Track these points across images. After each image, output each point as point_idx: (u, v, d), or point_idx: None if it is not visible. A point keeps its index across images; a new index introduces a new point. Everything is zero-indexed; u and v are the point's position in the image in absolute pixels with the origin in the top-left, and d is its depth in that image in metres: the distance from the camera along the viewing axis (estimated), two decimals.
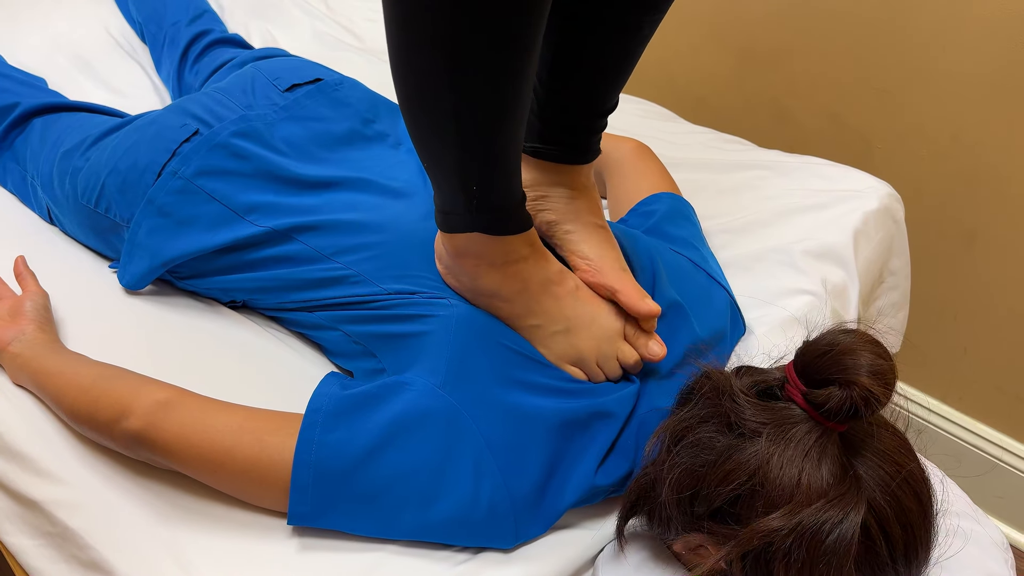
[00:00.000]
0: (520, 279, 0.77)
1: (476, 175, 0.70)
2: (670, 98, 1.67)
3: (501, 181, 0.72)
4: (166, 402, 0.76)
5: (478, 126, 0.67)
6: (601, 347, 0.79)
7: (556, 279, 0.79)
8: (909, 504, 0.64)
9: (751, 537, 0.62)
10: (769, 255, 1.08)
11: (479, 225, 0.74)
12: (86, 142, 1.05)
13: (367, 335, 0.86)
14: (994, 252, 1.42)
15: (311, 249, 0.89)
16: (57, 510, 0.78)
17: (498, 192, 0.72)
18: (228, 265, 0.94)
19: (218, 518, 0.77)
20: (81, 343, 0.92)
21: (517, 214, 0.75)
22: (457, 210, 0.74)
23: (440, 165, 0.72)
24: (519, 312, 0.79)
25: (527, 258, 0.77)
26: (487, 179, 0.71)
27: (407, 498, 0.72)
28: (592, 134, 0.87)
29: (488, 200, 0.72)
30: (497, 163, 0.70)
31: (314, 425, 0.73)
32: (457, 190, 0.72)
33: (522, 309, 0.79)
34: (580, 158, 0.86)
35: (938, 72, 1.36)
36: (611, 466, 0.77)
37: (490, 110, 0.66)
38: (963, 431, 1.58)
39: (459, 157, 0.69)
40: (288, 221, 0.91)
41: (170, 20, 1.37)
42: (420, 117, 0.69)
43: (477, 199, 0.71)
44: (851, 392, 0.62)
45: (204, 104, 1.03)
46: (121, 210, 0.98)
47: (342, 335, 0.89)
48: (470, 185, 0.70)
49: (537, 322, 0.79)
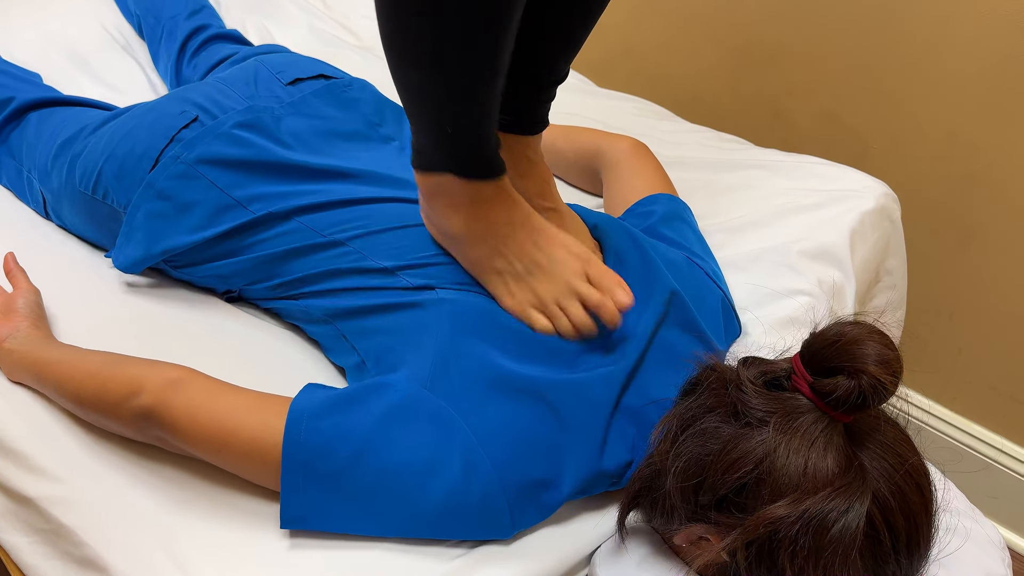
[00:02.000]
0: (487, 221, 0.79)
1: (452, 118, 0.73)
2: (667, 97, 1.67)
3: (475, 126, 0.74)
4: (177, 380, 0.77)
5: (458, 70, 0.69)
6: (561, 289, 0.80)
7: (522, 222, 0.80)
8: (912, 497, 0.64)
9: (757, 525, 0.63)
10: (765, 255, 1.08)
11: (451, 166, 0.77)
12: (84, 131, 1.05)
13: (355, 331, 0.86)
14: (990, 252, 1.43)
15: (308, 228, 0.90)
16: (51, 507, 0.78)
17: (472, 136, 0.75)
18: (225, 251, 0.94)
19: (213, 514, 0.77)
20: (75, 338, 0.92)
21: (489, 159, 0.77)
22: (432, 150, 0.77)
23: (417, 104, 0.74)
24: (484, 254, 0.80)
25: (495, 200, 0.79)
26: (462, 122, 0.73)
27: (398, 495, 0.72)
28: (539, 104, 0.88)
29: (461, 143, 0.75)
30: (473, 108, 0.72)
31: (298, 428, 0.73)
32: (433, 131, 0.75)
33: (486, 251, 0.80)
34: (527, 128, 0.88)
35: (935, 72, 1.36)
36: (612, 452, 0.77)
37: (470, 56, 0.68)
38: (957, 431, 1.58)
39: (437, 99, 0.72)
40: (288, 204, 0.91)
41: (168, 14, 1.37)
42: (402, 59, 0.71)
43: (451, 141, 0.74)
44: (859, 381, 0.62)
45: (205, 92, 1.03)
46: (119, 196, 0.98)
47: (334, 330, 0.89)
48: (445, 127, 0.73)
49: (499, 265, 0.80)
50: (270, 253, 0.92)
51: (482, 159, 0.77)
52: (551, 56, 0.86)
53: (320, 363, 0.95)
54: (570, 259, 0.81)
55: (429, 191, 0.80)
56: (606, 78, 1.70)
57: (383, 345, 0.83)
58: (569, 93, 1.47)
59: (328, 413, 0.74)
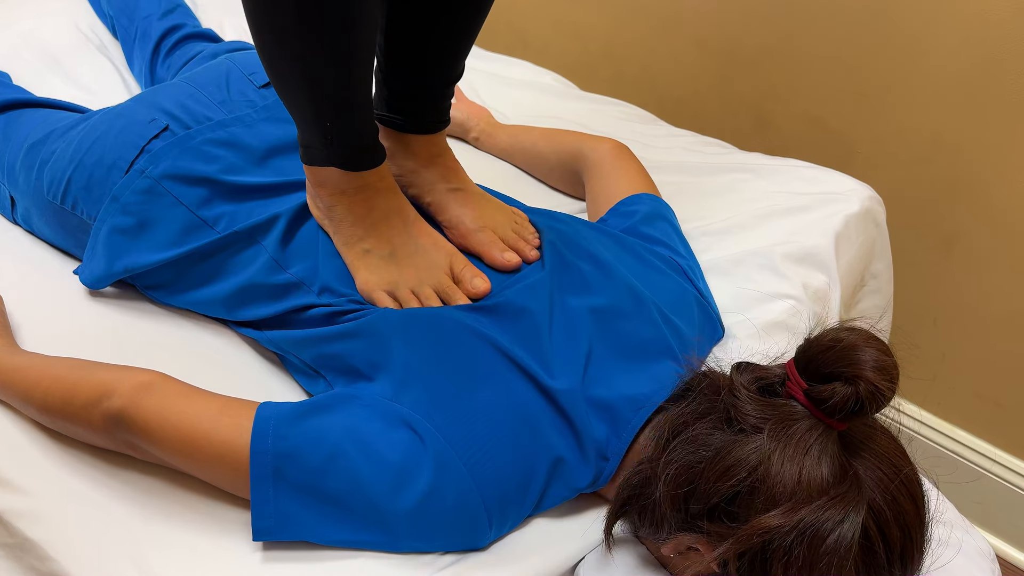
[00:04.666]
0: (367, 206, 0.85)
1: (329, 116, 0.79)
2: (651, 101, 1.66)
3: (351, 123, 0.81)
4: (148, 384, 0.76)
5: (322, 73, 0.76)
6: (421, 276, 0.84)
7: (396, 210, 0.86)
8: (907, 507, 0.64)
9: (750, 534, 0.62)
10: (749, 258, 1.07)
11: (334, 160, 0.82)
12: (53, 135, 1.03)
13: (315, 357, 0.85)
14: (974, 257, 1.43)
15: (270, 257, 0.89)
16: (16, 520, 0.76)
17: (348, 132, 0.81)
18: (196, 279, 0.93)
19: (185, 526, 0.75)
20: (39, 346, 0.90)
21: (368, 153, 0.84)
22: (315, 145, 0.82)
23: (295, 105, 0.81)
24: (358, 234, 0.85)
25: (375, 188, 0.85)
26: (338, 120, 0.80)
27: (371, 500, 0.71)
28: (434, 104, 0.92)
29: (340, 139, 0.81)
30: (345, 106, 0.80)
31: (264, 437, 0.72)
32: (313, 129, 0.81)
33: (361, 232, 0.85)
34: (426, 128, 0.92)
35: (919, 76, 1.36)
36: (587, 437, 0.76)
37: (330, 59, 0.75)
38: (942, 437, 1.58)
39: (310, 99, 0.79)
40: (250, 221, 0.91)
41: (142, 14, 1.35)
42: (275, 64, 0.78)
43: (331, 137, 0.81)
44: (856, 387, 0.61)
45: (174, 98, 1.00)
46: (88, 207, 0.95)
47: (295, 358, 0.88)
48: (323, 123, 0.80)
49: (368, 246, 0.85)
50: (234, 285, 0.91)
51: (361, 153, 0.83)
52: (438, 59, 0.90)
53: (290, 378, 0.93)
54: (435, 251, 0.86)
55: (315, 180, 0.86)
56: (588, 81, 1.69)
57: (343, 368, 0.82)
58: (550, 96, 1.46)
59: (295, 420, 0.73)
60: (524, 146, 1.24)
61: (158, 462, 0.77)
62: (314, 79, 0.77)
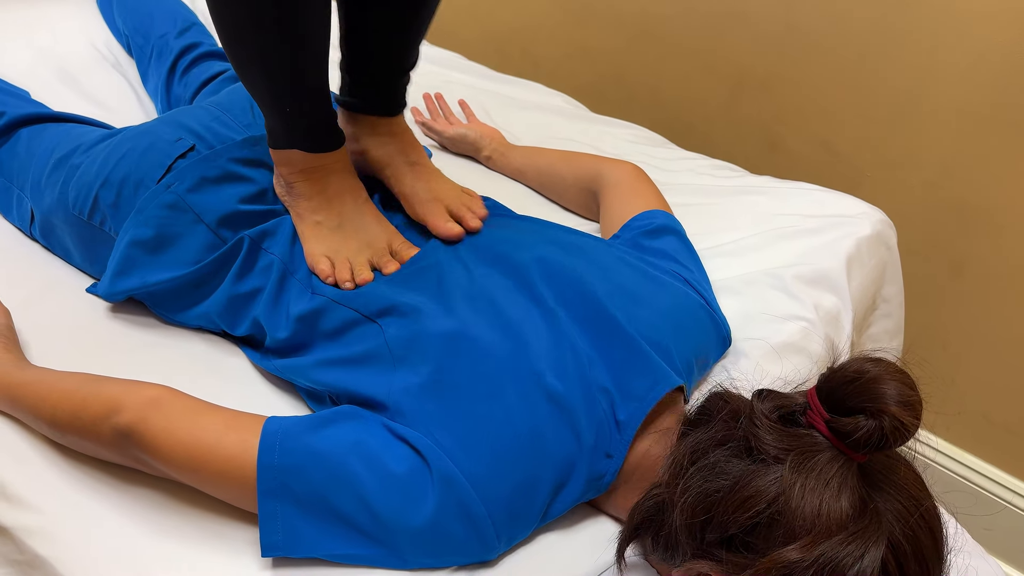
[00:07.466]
0: (323, 183, 0.94)
1: (287, 102, 0.89)
2: (661, 124, 1.67)
3: (309, 110, 0.90)
4: (157, 399, 0.76)
5: (278, 63, 0.86)
6: (361, 249, 0.92)
7: (349, 189, 0.95)
8: (926, 541, 0.62)
9: (769, 568, 0.60)
10: (761, 279, 1.07)
11: (296, 143, 0.91)
12: (79, 150, 1.03)
13: (321, 381, 0.85)
14: (983, 281, 1.42)
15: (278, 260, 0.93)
16: (28, 537, 0.75)
17: (306, 116, 0.90)
18: (205, 293, 0.94)
19: (194, 542, 0.74)
20: (47, 361, 0.90)
21: (327, 137, 0.93)
22: (278, 130, 0.91)
23: (257, 92, 0.90)
24: (313, 207, 0.94)
25: (331, 168, 0.94)
26: (296, 104, 0.89)
27: (377, 517, 0.70)
28: (393, 88, 1.01)
29: (300, 124, 0.90)
30: (301, 93, 0.89)
31: (271, 451, 0.72)
32: (275, 114, 0.90)
33: (315, 205, 0.94)
34: (386, 111, 1.01)
35: (928, 101, 1.37)
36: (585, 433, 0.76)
37: (283, 50, 0.84)
38: (951, 461, 1.57)
39: (268, 87, 0.88)
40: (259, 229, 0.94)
41: (157, 32, 1.36)
42: (236, 55, 0.88)
43: (291, 121, 0.90)
44: (881, 422, 0.60)
45: (201, 119, 1.02)
46: (116, 225, 0.97)
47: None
48: (284, 108, 0.89)
49: (320, 218, 0.93)
50: (239, 292, 0.92)
51: (321, 135, 0.92)
52: (388, 52, 0.99)
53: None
54: (378, 227, 0.95)
55: (280, 161, 0.94)
56: (599, 104, 1.70)
57: (347, 391, 0.82)
58: (562, 118, 1.47)
59: (302, 434, 0.73)
60: (540, 166, 1.24)
61: (167, 477, 0.77)
62: (271, 69, 0.86)
